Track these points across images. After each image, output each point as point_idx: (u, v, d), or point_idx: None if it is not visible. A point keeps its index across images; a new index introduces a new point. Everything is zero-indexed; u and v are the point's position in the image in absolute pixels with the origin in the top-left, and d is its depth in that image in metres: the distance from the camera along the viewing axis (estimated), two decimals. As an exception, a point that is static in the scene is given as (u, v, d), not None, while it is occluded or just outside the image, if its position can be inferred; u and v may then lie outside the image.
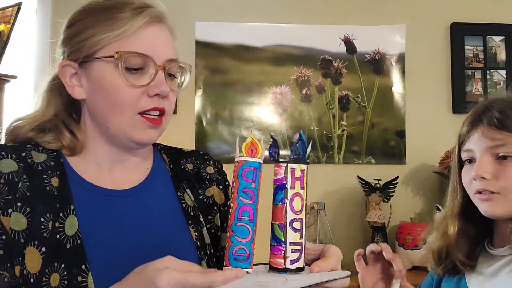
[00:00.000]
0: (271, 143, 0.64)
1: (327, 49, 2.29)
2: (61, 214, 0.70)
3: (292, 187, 0.61)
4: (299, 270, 0.61)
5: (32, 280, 0.65)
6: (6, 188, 0.68)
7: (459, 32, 2.31)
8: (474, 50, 2.33)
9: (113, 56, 0.71)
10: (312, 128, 2.27)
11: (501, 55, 2.34)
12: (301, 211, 0.61)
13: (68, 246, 0.69)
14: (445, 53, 2.33)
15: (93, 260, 0.69)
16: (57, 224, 0.69)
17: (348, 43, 2.29)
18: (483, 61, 2.33)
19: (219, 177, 0.90)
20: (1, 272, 0.64)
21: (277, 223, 0.61)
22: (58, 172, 0.73)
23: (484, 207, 0.90)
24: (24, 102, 2.23)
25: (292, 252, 0.60)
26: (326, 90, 2.28)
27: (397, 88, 2.29)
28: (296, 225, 0.61)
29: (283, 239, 0.60)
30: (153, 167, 0.84)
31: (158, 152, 0.88)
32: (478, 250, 0.97)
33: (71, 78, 0.76)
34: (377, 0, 2.33)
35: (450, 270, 0.98)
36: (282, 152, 2.22)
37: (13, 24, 1.77)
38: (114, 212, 0.76)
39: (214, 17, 2.25)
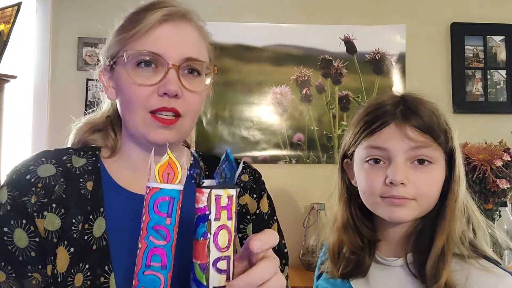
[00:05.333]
0: (192, 161, 0.52)
1: (327, 49, 2.28)
2: (91, 216, 0.71)
3: (217, 219, 0.50)
4: None
5: (59, 280, 0.67)
6: (43, 192, 0.70)
7: (459, 32, 2.31)
8: (474, 50, 2.33)
9: (123, 56, 0.72)
10: (312, 128, 2.27)
11: (501, 55, 2.34)
12: (227, 247, 0.50)
13: (94, 247, 0.70)
14: (445, 53, 2.33)
15: (117, 262, 0.70)
16: (86, 226, 0.71)
17: (348, 43, 2.29)
18: (483, 61, 2.33)
19: (254, 186, 0.87)
20: (30, 275, 0.67)
21: (198, 262, 0.50)
22: (93, 177, 0.75)
23: (396, 213, 0.80)
24: (24, 102, 2.23)
25: None
26: (326, 90, 2.28)
27: (397, 88, 2.29)
28: (221, 265, 0.50)
29: (204, 283, 0.49)
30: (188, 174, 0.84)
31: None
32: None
33: (109, 81, 0.79)
34: (377, 0, 2.32)
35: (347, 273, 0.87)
36: (281, 152, 2.23)
37: (13, 24, 1.77)
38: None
39: (214, 17, 2.25)
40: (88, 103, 2.25)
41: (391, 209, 0.81)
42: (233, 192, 0.51)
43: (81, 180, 0.74)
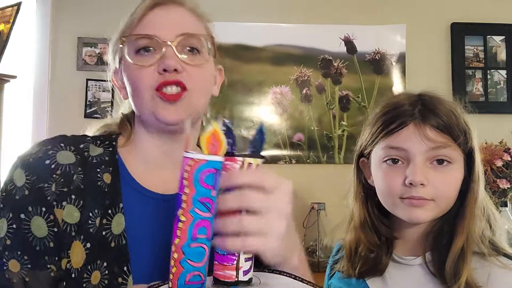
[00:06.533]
0: (225, 131, 0.52)
1: (327, 49, 2.28)
2: (109, 211, 0.69)
3: None
4: (251, 281, 0.52)
5: (73, 275, 0.65)
6: (62, 180, 0.67)
7: (459, 32, 2.31)
8: (475, 50, 2.33)
9: (122, 45, 0.74)
10: (312, 128, 2.26)
11: (502, 55, 2.34)
12: None
13: (112, 244, 0.68)
14: (445, 53, 2.33)
15: (134, 262, 0.68)
16: (104, 221, 0.68)
17: (348, 43, 2.29)
18: (483, 61, 2.33)
19: None
20: (48, 266, 0.64)
21: None
22: (111, 169, 0.73)
23: (415, 214, 0.80)
24: (24, 102, 2.22)
25: (246, 261, 0.51)
26: (326, 90, 2.28)
27: (398, 88, 2.29)
28: None
29: None
30: None
31: None
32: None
33: (121, 82, 0.79)
34: (377, 0, 2.32)
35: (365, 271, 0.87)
36: (281, 152, 2.23)
37: (13, 24, 1.77)
38: (160, 217, 0.74)
39: (214, 17, 2.24)
40: (88, 103, 2.24)
41: (410, 210, 0.81)
42: (260, 162, 0.52)
43: (98, 170, 0.71)
